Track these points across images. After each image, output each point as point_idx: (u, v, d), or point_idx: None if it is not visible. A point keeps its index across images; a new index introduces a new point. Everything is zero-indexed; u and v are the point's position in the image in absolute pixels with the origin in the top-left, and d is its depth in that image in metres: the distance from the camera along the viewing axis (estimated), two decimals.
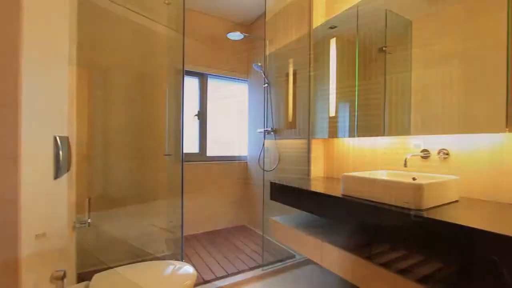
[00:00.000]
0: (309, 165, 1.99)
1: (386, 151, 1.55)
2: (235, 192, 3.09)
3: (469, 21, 1.13)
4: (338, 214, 1.24)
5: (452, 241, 0.82)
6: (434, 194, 1.00)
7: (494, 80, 1.03)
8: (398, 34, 1.43)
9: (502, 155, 1.08)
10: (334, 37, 1.82)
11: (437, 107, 1.23)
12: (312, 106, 1.99)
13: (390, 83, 1.46)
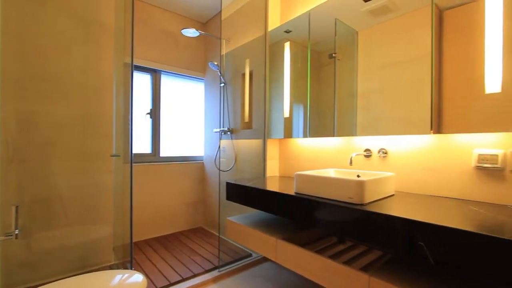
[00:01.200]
0: (264, 164, 2.03)
1: (335, 150, 1.66)
2: (191, 194, 3.00)
3: (404, 34, 1.27)
4: (292, 212, 1.29)
5: (388, 230, 0.91)
6: (374, 189, 1.11)
7: (423, 89, 1.18)
8: (346, 43, 1.54)
9: (427, 154, 1.25)
10: (289, 41, 1.89)
11: (378, 111, 1.36)
12: (268, 106, 2.03)
13: (339, 88, 1.56)
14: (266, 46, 2.04)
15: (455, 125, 1.10)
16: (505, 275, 0.68)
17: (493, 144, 1.07)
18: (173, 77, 2.92)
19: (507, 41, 0.96)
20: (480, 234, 0.72)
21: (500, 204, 1.04)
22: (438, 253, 0.79)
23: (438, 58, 1.15)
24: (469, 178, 1.12)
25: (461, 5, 1.09)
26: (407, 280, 0.94)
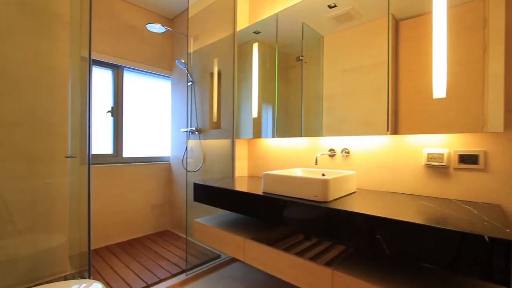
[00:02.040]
0: (233, 165, 2.02)
1: (303, 150, 1.71)
2: (156, 196, 2.88)
3: (365, 41, 1.34)
4: (260, 211, 1.30)
5: (350, 225, 0.96)
6: (337, 187, 1.16)
7: (381, 93, 1.26)
8: (312, 46, 1.59)
9: (385, 153, 1.35)
10: (257, 41, 1.90)
11: (342, 113, 1.43)
12: (237, 106, 2.03)
13: (306, 89, 1.61)
14: (235, 46, 2.03)
15: (408, 126, 1.19)
16: (449, 262, 0.76)
17: (440, 144, 1.18)
18: (137, 74, 2.78)
19: (451, 51, 1.07)
20: (428, 225, 0.79)
21: (445, 198, 1.15)
22: (393, 244, 0.85)
23: (395, 65, 1.24)
24: (420, 175, 1.23)
25: (414, 16, 1.19)
26: (366, 271, 1.00)
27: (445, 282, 0.92)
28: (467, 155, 1.11)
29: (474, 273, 0.72)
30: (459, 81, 1.06)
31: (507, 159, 1.03)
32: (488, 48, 1.00)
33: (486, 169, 1.07)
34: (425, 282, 0.92)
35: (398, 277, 0.95)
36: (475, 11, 1.04)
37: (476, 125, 1.03)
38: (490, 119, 0.99)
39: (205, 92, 2.28)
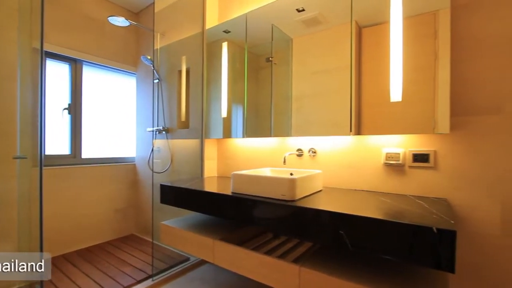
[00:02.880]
0: (202, 165, 1.98)
1: (272, 150, 1.73)
2: (120, 198, 2.72)
3: (331, 45, 1.40)
4: (229, 212, 1.29)
5: (315, 223, 1.00)
6: (304, 186, 1.20)
7: (346, 95, 1.32)
8: (282, 48, 1.62)
9: (348, 152, 1.42)
10: (227, 41, 1.89)
11: (309, 114, 1.47)
12: (206, 106, 1.99)
13: (276, 90, 1.63)
14: (204, 44, 1.99)
15: (370, 127, 1.27)
16: (406, 253, 0.82)
17: (397, 144, 1.28)
18: (98, 69, 2.60)
19: (406, 58, 1.16)
20: (385, 220, 0.85)
21: (402, 194, 1.24)
22: (355, 239, 0.90)
23: (359, 69, 1.31)
24: (380, 173, 1.32)
25: (375, 24, 1.27)
26: (331, 266, 1.04)
27: (402, 273, 0.99)
28: (419, 154, 1.21)
29: (426, 263, 0.79)
30: (413, 86, 1.15)
31: (452, 157, 1.15)
32: (438, 57, 1.11)
33: (436, 167, 1.18)
34: (384, 273, 0.98)
35: (360, 270, 1.00)
36: (427, 22, 1.13)
37: (428, 127, 1.12)
38: (439, 122, 1.09)
39: (173, 90, 2.20)
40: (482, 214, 1.08)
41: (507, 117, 1.04)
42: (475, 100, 1.10)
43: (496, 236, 1.06)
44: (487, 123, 1.07)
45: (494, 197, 1.06)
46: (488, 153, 1.08)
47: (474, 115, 1.10)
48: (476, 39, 1.10)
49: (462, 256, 1.10)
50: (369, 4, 1.27)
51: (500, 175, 1.05)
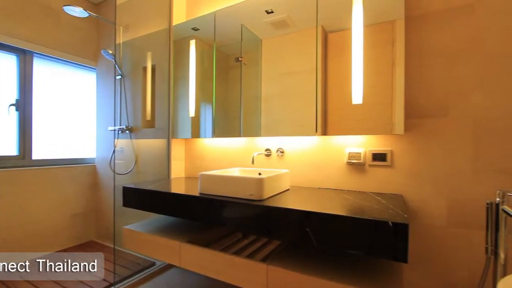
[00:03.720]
0: (169, 166, 1.92)
1: (241, 150, 1.73)
2: (78, 202, 2.53)
3: (299, 48, 1.43)
4: (196, 213, 1.27)
5: (282, 221, 1.02)
6: (272, 185, 1.21)
7: (313, 96, 1.37)
8: (251, 48, 1.62)
9: (315, 152, 1.47)
10: (196, 38, 1.84)
11: (278, 114, 1.50)
12: (173, 105, 1.93)
13: (246, 90, 1.63)
14: (171, 40, 1.93)
15: (335, 128, 1.33)
16: (367, 247, 0.87)
17: (358, 144, 1.35)
18: (53, 62, 2.39)
19: (367, 64, 1.24)
20: (346, 216, 0.89)
21: (363, 191, 1.32)
22: (319, 236, 0.94)
23: (325, 72, 1.36)
24: (343, 171, 1.38)
25: (339, 30, 1.33)
26: (297, 263, 1.07)
27: (363, 265, 1.05)
28: (378, 153, 1.29)
29: (384, 255, 0.85)
30: (373, 90, 1.23)
31: (406, 157, 1.24)
32: (395, 64, 1.19)
33: (392, 165, 1.27)
34: (347, 267, 1.03)
35: (324, 264, 1.04)
36: (386, 31, 1.22)
37: (387, 128, 1.21)
38: (396, 124, 1.18)
39: (137, 87, 2.10)
40: (431, 208, 1.19)
41: (452, 120, 1.16)
42: (425, 104, 1.20)
43: (442, 227, 1.17)
44: (436, 125, 1.18)
45: (441, 192, 1.17)
46: (436, 152, 1.19)
47: (425, 117, 1.20)
48: (426, 49, 1.20)
49: (415, 247, 1.21)
50: (333, 11, 1.33)
51: (446, 172, 1.17)
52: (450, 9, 1.16)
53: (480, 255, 0.96)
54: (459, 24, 1.15)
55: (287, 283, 1.00)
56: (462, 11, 1.14)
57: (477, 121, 1.12)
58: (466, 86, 1.13)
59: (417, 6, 1.21)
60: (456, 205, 1.15)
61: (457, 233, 1.14)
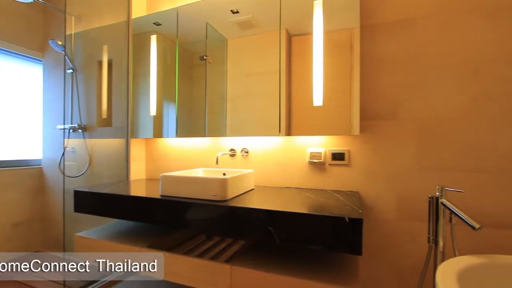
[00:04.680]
0: (128, 167, 1.81)
1: (206, 150, 1.70)
2: (20, 209, 2.26)
3: (264, 50, 1.45)
4: (158, 216, 1.21)
5: (246, 221, 1.02)
6: (236, 185, 1.21)
7: (276, 98, 1.39)
8: (217, 47, 1.60)
9: (278, 152, 1.50)
10: (157, 34, 1.77)
11: (244, 114, 1.50)
12: (132, 102, 1.83)
13: (211, 89, 1.61)
14: (130, 34, 1.82)
15: (298, 129, 1.38)
16: (328, 242, 0.91)
17: (319, 144, 1.41)
18: None
19: (328, 67, 1.30)
20: (306, 213, 0.93)
21: (323, 189, 1.38)
22: (282, 234, 0.96)
23: (289, 74, 1.40)
24: (305, 171, 1.44)
25: (302, 34, 1.37)
26: (261, 262, 1.08)
27: (324, 260, 1.10)
28: (337, 153, 1.37)
29: (342, 248, 0.90)
30: (334, 93, 1.29)
31: (361, 156, 1.33)
32: (353, 69, 1.27)
33: (349, 164, 1.35)
34: (309, 262, 1.07)
35: (287, 262, 1.07)
36: (345, 37, 1.29)
37: (346, 129, 1.28)
38: (353, 125, 1.26)
39: (91, 83, 1.94)
40: (383, 203, 1.29)
41: (399, 123, 1.27)
42: (377, 107, 1.30)
43: (392, 220, 1.28)
44: (386, 127, 1.29)
45: (391, 188, 1.28)
46: (387, 152, 1.29)
47: (377, 120, 1.30)
48: (378, 57, 1.30)
49: (370, 239, 1.30)
50: (296, 15, 1.38)
51: (396, 170, 1.27)
52: (397, 21, 1.27)
53: (424, 244, 1.07)
54: (404, 36, 1.26)
55: (251, 283, 1.01)
56: (406, 24, 1.26)
57: (419, 124, 1.24)
58: (410, 92, 1.25)
59: (370, 16, 1.31)
60: (404, 200, 1.26)
61: (405, 225, 1.26)
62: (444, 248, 1.01)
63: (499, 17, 1.13)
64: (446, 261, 0.91)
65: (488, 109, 1.14)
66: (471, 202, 1.14)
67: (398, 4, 1.27)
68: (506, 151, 1.12)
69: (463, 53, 1.18)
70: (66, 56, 1.89)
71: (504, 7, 1.12)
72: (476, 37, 1.16)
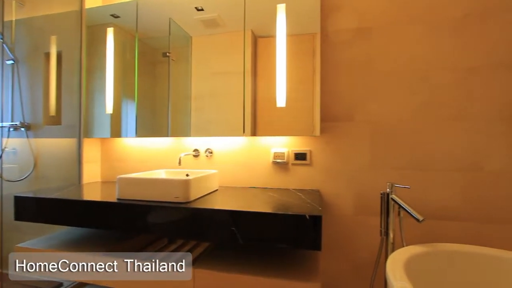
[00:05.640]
0: (80, 169, 1.67)
1: (169, 150, 1.64)
2: None
3: (230, 50, 1.44)
4: (114, 221, 1.14)
5: (209, 222, 1.00)
6: (199, 186, 1.19)
7: (240, 98, 1.40)
8: (181, 45, 1.55)
9: (243, 152, 1.51)
10: (114, 26, 1.66)
11: (209, 114, 1.48)
12: (86, 99, 1.69)
13: (175, 88, 1.55)
14: (83, 25, 1.68)
15: (263, 129, 1.40)
16: (288, 240, 0.93)
17: (283, 144, 1.45)
18: None
19: (292, 70, 1.34)
20: (268, 212, 0.95)
21: (286, 189, 1.42)
22: (245, 233, 0.96)
23: (255, 75, 1.41)
24: (269, 170, 1.46)
25: (268, 36, 1.39)
26: (225, 263, 1.07)
27: (288, 258, 1.12)
28: (299, 153, 1.41)
29: (304, 245, 0.92)
30: (297, 95, 1.34)
31: (322, 156, 1.40)
32: (315, 72, 1.32)
33: (311, 163, 1.41)
34: (273, 261, 1.09)
35: (251, 261, 1.07)
36: (308, 42, 1.34)
37: (308, 130, 1.33)
38: (316, 126, 1.31)
39: (37, 76, 1.75)
40: (342, 200, 1.37)
41: (356, 125, 1.35)
42: (336, 109, 1.38)
43: (350, 216, 1.36)
44: (344, 128, 1.37)
45: (349, 186, 1.36)
46: (345, 151, 1.37)
47: (336, 121, 1.37)
48: (336, 62, 1.38)
49: (330, 235, 1.36)
50: (261, 17, 1.40)
51: (353, 168, 1.36)
52: (355, 29, 1.36)
53: (377, 237, 1.15)
54: (361, 44, 1.35)
55: (214, 285, 1.00)
56: (364, 32, 1.35)
57: (373, 125, 1.34)
58: (366, 96, 1.35)
59: (331, 24, 1.38)
60: (360, 196, 1.34)
61: (361, 220, 1.34)
62: (394, 239, 1.10)
63: (443, 31, 1.26)
64: (395, 251, 1.00)
65: (433, 114, 1.27)
66: (418, 197, 1.26)
67: (356, 14, 1.36)
68: (448, 151, 1.26)
69: (413, 62, 1.30)
70: (4, 45, 1.68)
71: (446, 22, 1.26)
72: (425, 47, 1.28)
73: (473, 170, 1.23)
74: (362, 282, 1.31)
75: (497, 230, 1.20)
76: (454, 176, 1.25)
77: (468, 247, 1.02)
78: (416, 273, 0.87)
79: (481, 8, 1.22)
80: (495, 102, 1.21)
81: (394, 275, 0.80)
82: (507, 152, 1.20)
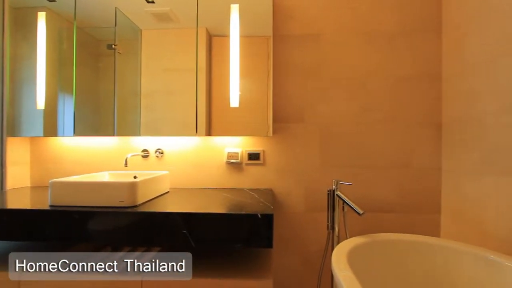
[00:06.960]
0: (2, 173, 1.44)
1: (115, 151, 1.51)
2: None
3: (183, 46, 1.39)
4: (46, 232, 1.00)
5: (158, 226, 0.96)
6: (148, 189, 1.12)
7: (193, 97, 1.36)
8: (129, 37, 1.44)
9: (196, 152, 1.47)
10: (46, 11, 1.47)
11: (161, 112, 1.40)
12: (11, 92, 1.46)
13: (121, 83, 1.44)
14: (6, 7, 1.45)
15: (217, 129, 1.38)
16: (241, 239, 0.94)
17: (236, 144, 1.45)
18: None
19: (246, 71, 1.35)
20: (221, 213, 0.94)
21: (240, 188, 1.42)
22: (197, 235, 0.94)
23: (209, 74, 1.38)
24: (223, 171, 1.45)
25: (222, 36, 1.38)
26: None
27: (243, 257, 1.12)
28: (253, 153, 1.44)
29: (257, 243, 0.94)
30: (251, 95, 1.35)
31: (275, 155, 1.44)
32: (269, 74, 1.36)
33: (264, 163, 1.44)
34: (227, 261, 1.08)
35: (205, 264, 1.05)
36: (263, 44, 1.37)
37: (262, 130, 1.35)
38: (269, 126, 1.34)
39: None
40: (293, 198, 1.43)
41: (306, 125, 1.43)
42: (287, 110, 1.43)
43: (301, 213, 1.43)
44: (295, 129, 1.43)
45: (301, 184, 1.43)
46: (296, 151, 1.43)
47: (288, 122, 1.43)
48: (288, 65, 1.44)
49: (282, 232, 1.41)
50: (216, 16, 1.38)
51: (304, 167, 1.43)
52: (305, 35, 1.43)
53: (325, 231, 1.23)
54: (310, 49, 1.43)
55: None
56: (313, 38, 1.43)
57: (321, 126, 1.43)
58: (315, 98, 1.43)
59: (282, 28, 1.43)
60: (310, 193, 1.42)
61: (311, 216, 1.42)
62: (339, 232, 1.19)
63: (379, 43, 1.41)
64: (340, 243, 1.07)
65: (370, 117, 1.41)
66: (360, 192, 1.38)
67: (306, 20, 1.43)
68: (383, 150, 1.40)
69: (355, 69, 1.42)
70: None
71: (381, 35, 1.40)
72: (365, 56, 1.41)
73: (404, 166, 1.39)
74: (312, 274, 1.39)
75: (424, 220, 1.38)
76: (390, 173, 1.40)
77: (401, 236, 1.15)
78: (358, 262, 0.95)
79: (409, 26, 1.40)
80: (420, 108, 1.39)
81: (339, 265, 0.87)
82: (430, 151, 1.39)
